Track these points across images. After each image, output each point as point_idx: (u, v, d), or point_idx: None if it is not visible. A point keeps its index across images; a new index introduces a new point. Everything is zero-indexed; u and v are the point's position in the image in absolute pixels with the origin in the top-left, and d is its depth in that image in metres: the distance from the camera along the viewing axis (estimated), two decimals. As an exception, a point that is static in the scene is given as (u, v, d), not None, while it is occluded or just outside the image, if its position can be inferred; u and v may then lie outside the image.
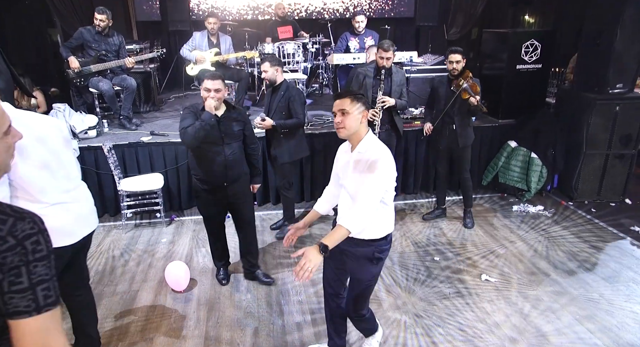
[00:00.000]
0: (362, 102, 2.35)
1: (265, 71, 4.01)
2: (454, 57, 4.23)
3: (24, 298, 1.10)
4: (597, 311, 3.37)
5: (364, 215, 2.23)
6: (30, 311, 1.10)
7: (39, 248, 1.12)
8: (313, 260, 2.09)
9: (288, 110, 4.08)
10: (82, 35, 5.16)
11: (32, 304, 1.11)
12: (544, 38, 5.45)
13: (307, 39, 6.85)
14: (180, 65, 7.28)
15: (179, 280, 3.63)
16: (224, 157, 3.29)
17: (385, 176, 2.27)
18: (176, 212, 5.01)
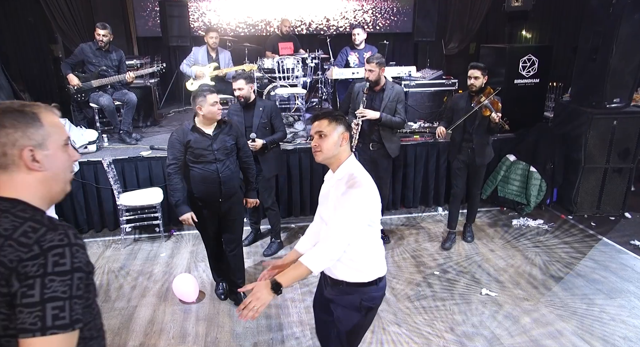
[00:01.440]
0: (342, 123, 2.11)
1: (240, 89, 3.90)
2: (473, 73, 4.08)
3: (31, 314, 1.00)
4: (598, 325, 3.35)
5: (330, 252, 1.95)
6: (34, 330, 1.00)
7: (61, 262, 1.05)
8: (261, 299, 1.84)
9: (271, 125, 4.13)
10: (82, 50, 5.20)
11: (38, 323, 1.00)
12: (541, 53, 5.52)
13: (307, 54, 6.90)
14: (180, 81, 7.33)
15: (189, 292, 3.63)
16: (217, 174, 3.28)
17: (361, 207, 1.98)
18: (175, 227, 4.99)
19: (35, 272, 1.02)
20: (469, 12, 8.06)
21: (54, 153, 1.19)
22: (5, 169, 1.14)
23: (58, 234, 1.08)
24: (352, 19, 9.00)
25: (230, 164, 3.36)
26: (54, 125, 1.20)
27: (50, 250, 1.04)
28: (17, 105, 1.18)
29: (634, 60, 4.80)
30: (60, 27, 6.66)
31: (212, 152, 3.26)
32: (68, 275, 1.05)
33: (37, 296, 1.01)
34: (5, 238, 1.05)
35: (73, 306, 1.06)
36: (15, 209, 1.12)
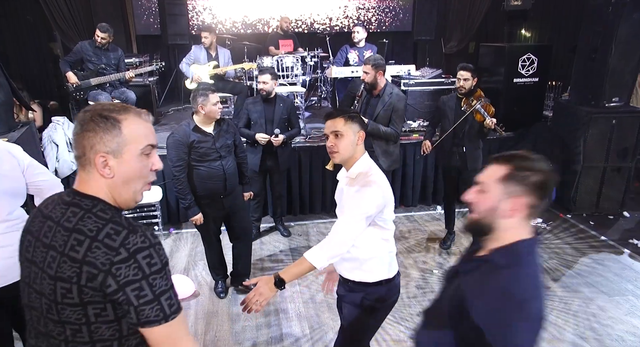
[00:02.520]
0: (358, 121, 2.08)
1: (265, 82, 4.07)
2: (462, 74, 3.93)
3: (153, 308, 1.16)
4: (597, 324, 3.36)
5: (334, 248, 1.94)
6: (159, 319, 1.17)
7: (153, 262, 1.17)
8: (264, 294, 1.87)
9: (289, 121, 4.29)
10: (81, 49, 5.19)
11: (161, 314, 1.17)
12: (540, 52, 5.52)
13: (306, 53, 6.90)
14: (179, 79, 7.33)
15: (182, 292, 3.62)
16: (222, 170, 3.33)
17: (370, 206, 1.95)
18: (174, 226, 4.99)
19: (135, 275, 1.14)
20: (468, 11, 8.05)
21: (128, 162, 1.23)
22: (84, 167, 1.23)
23: (139, 236, 1.17)
24: (352, 18, 8.99)
25: (232, 161, 3.43)
26: (134, 133, 1.23)
27: (137, 252, 1.15)
28: (106, 109, 1.22)
29: (633, 59, 4.80)
30: (59, 26, 6.65)
31: (216, 150, 3.29)
32: (163, 271, 1.19)
33: (150, 295, 1.16)
34: (92, 239, 1.14)
35: (174, 291, 1.22)
36: (96, 208, 1.20)
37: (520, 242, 1.33)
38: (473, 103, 3.91)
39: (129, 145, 1.22)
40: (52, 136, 4.63)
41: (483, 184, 1.37)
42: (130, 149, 1.22)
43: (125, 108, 1.25)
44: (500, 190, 1.32)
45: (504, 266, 1.30)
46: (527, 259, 1.31)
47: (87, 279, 1.13)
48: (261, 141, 4.12)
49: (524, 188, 1.30)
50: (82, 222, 1.16)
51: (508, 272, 1.28)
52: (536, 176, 1.30)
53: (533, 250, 1.34)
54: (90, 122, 1.19)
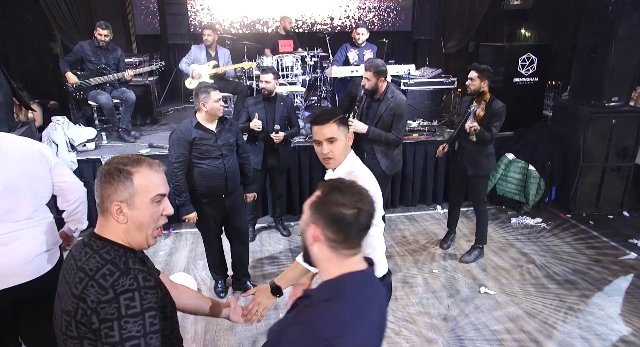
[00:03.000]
0: (345, 122, 2.05)
1: (268, 82, 4.10)
2: (470, 74, 3.89)
3: None
4: (596, 324, 3.36)
5: None
6: None
7: (132, 305, 1.22)
8: (262, 304, 1.88)
9: (289, 119, 4.34)
10: (81, 49, 5.19)
11: None
12: (540, 52, 5.52)
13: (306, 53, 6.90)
14: (179, 79, 7.33)
15: None
16: (224, 169, 3.33)
17: None
18: (174, 225, 4.99)
19: (112, 315, 1.20)
20: (468, 10, 8.05)
21: (140, 209, 1.37)
22: (102, 214, 1.38)
23: (129, 278, 1.25)
24: (352, 18, 8.99)
25: (234, 160, 3.43)
26: (144, 183, 1.37)
27: (122, 294, 1.22)
28: (120, 163, 1.37)
29: (633, 59, 4.81)
30: (59, 25, 6.64)
31: (218, 148, 3.29)
32: (139, 316, 1.23)
33: (117, 337, 1.20)
34: (89, 278, 1.25)
35: (149, 341, 1.24)
36: (103, 250, 1.33)
37: (344, 275, 1.27)
38: (474, 106, 3.90)
39: (139, 195, 1.36)
40: (51, 136, 4.63)
41: (304, 206, 1.35)
42: (141, 198, 1.37)
43: (139, 161, 1.40)
44: (309, 215, 1.30)
45: (321, 301, 1.25)
46: (351, 293, 1.25)
47: (81, 315, 1.23)
48: (255, 128, 4.07)
49: (321, 219, 1.26)
50: (87, 262, 1.29)
51: (321, 308, 1.23)
52: (335, 208, 1.24)
53: (360, 283, 1.28)
54: (107, 175, 1.35)
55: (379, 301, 1.34)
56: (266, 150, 4.31)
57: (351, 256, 1.29)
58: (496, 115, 3.84)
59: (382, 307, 1.39)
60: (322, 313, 1.22)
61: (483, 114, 3.87)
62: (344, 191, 1.27)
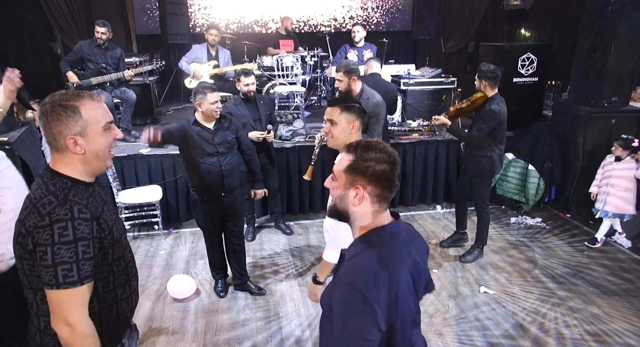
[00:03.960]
0: (354, 112, 2.24)
1: (253, 83, 4.17)
2: None
3: (47, 273, 1.34)
4: (597, 323, 3.36)
5: (336, 241, 2.08)
6: (51, 285, 1.35)
7: (64, 233, 1.34)
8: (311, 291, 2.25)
9: (271, 117, 4.53)
10: (81, 48, 5.20)
11: (53, 280, 1.34)
12: (540, 52, 5.52)
13: (306, 52, 6.91)
14: (179, 78, 7.33)
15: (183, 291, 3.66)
16: (220, 167, 3.32)
17: None
18: (174, 225, 5.00)
19: (46, 240, 1.33)
20: (468, 10, 8.06)
21: (93, 138, 1.46)
22: (57, 150, 1.46)
23: (64, 209, 1.35)
24: (351, 17, 8.99)
25: (232, 158, 3.42)
26: (92, 115, 1.45)
27: (56, 222, 1.33)
28: (62, 99, 1.43)
29: (632, 59, 4.80)
30: (60, 25, 6.65)
31: (214, 146, 3.29)
32: (71, 244, 1.34)
33: (49, 260, 1.33)
34: (32, 206, 1.37)
35: (81, 267, 1.37)
36: (50, 182, 1.43)
37: (372, 231, 1.39)
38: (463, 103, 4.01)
39: (90, 126, 1.45)
40: (52, 135, 4.63)
41: (334, 173, 1.45)
42: (92, 129, 1.46)
43: (80, 94, 1.48)
44: (346, 179, 1.39)
45: (350, 257, 1.37)
46: (377, 247, 1.35)
47: (21, 237, 1.37)
48: (258, 139, 4.14)
49: (365, 178, 1.36)
50: (34, 192, 1.41)
51: (351, 264, 1.35)
52: (377, 166, 1.35)
53: (388, 237, 1.38)
54: (53, 113, 1.42)
55: (413, 250, 1.43)
56: (259, 151, 4.28)
57: (384, 211, 1.41)
58: (483, 117, 3.83)
59: (415, 254, 1.44)
60: (353, 268, 1.33)
61: (457, 108, 3.97)
62: (377, 149, 1.38)
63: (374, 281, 1.27)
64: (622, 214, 4.35)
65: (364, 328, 1.25)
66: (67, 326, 1.38)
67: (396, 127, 5.52)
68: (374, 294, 1.25)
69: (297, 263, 4.25)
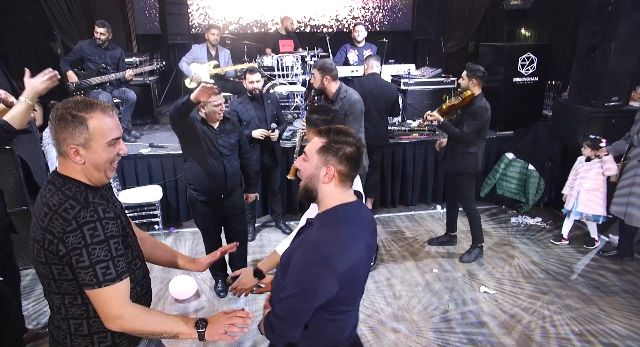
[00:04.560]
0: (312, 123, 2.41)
1: (258, 81, 4.15)
2: (463, 72, 4.00)
3: (87, 274, 1.38)
4: (596, 323, 3.36)
5: None
6: (92, 284, 1.38)
7: (96, 233, 1.37)
8: (247, 284, 2.17)
9: (278, 117, 4.44)
10: (81, 48, 5.20)
11: (94, 279, 1.38)
12: (540, 51, 5.52)
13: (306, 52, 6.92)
14: (180, 78, 7.32)
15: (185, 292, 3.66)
16: (224, 169, 3.32)
17: None
18: (174, 225, 5.00)
19: (79, 243, 1.35)
20: (468, 10, 8.06)
21: (95, 151, 1.46)
22: (60, 154, 1.47)
23: (89, 211, 1.38)
24: (352, 17, 8.99)
25: (234, 160, 3.42)
26: (99, 128, 1.45)
27: (84, 225, 1.36)
28: (73, 107, 1.43)
29: (632, 59, 4.80)
30: (60, 25, 6.65)
31: (219, 148, 3.29)
32: (104, 243, 1.39)
33: (87, 261, 1.37)
34: (53, 212, 1.38)
35: (117, 263, 1.41)
36: (64, 187, 1.44)
37: (338, 206, 1.55)
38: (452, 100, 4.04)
39: (95, 139, 1.45)
40: (52, 135, 4.63)
41: (306, 154, 1.60)
42: (97, 143, 1.45)
43: (92, 105, 1.46)
44: (318, 159, 1.55)
45: (319, 226, 1.54)
46: (342, 221, 1.53)
47: (48, 244, 1.38)
48: (262, 136, 4.17)
49: (336, 158, 1.52)
50: (51, 198, 1.41)
51: (320, 232, 1.51)
52: (347, 148, 1.52)
53: (352, 213, 1.56)
54: (61, 119, 1.42)
55: (368, 227, 1.63)
56: (263, 150, 4.34)
57: (348, 189, 1.59)
58: (473, 113, 3.88)
59: (371, 231, 1.66)
60: (321, 236, 1.50)
61: (450, 105, 3.99)
62: (346, 134, 1.55)
63: (339, 250, 1.45)
64: (596, 216, 4.35)
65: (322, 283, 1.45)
66: (119, 319, 1.42)
67: (396, 127, 5.52)
68: (336, 261, 1.43)
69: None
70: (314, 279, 1.45)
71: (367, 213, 1.67)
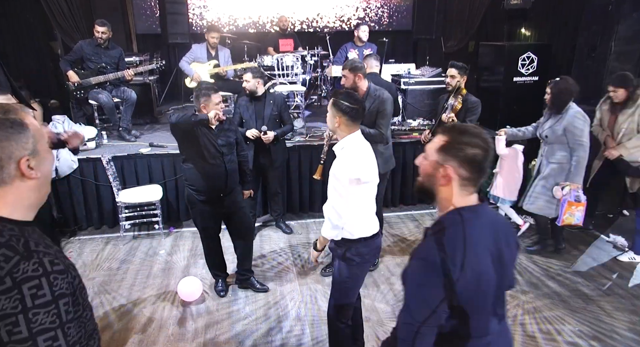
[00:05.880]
0: (339, 108, 2.42)
1: (247, 81, 4.14)
2: (449, 72, 4.11)
3: None
4: (598, 323, 3.36)
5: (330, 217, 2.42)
6: None
7: (39, 293, 1.02)
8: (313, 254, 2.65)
9: (281, 117, 4.35)
10: (81, 48, 5.20)
11: None
12: (540, 51, 5.52)
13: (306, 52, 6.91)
14: (180, 78, 7.33)
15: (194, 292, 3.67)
16: (224, 168, 3.33)
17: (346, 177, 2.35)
18: (174, 224, 5.00)
19: (14, 308, 1.00)
20: (468, 10, 8.05)
21: (44, 156, 1.18)
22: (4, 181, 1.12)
23: (32, 263, 1.03)
24: (353, 16, 8.99)
25: (233, 158, 3.44)
26: (35, 127, 1.17)
27: (23, 282, 1.01)
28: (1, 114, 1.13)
29: (632, 58, 4.81)
30: (60, 24, 6.64)
31: (217, 148, 3.29)
32: (52, 305, 1.03)
33: (25, 332, 1.00)
34: None
35: (66, 331, 1.06)
36: None
37: (453, 211, 1.43)
38: (451, 99, 4.05)
39: (40, 141, 1.17)
40: (52, 135, 4.63)
41: (426, 152, 1.50)
42: (41, 144, 1.18)
43: (13, 107, 1.18)
44: (437, 158, 1.43)
45: (433, 233, 1.43)
46: (460, 225, 1.38)
47: None
48: (252, 137, 4.17)
49: (456, 159, 1.39)
50: None
51: (433, 239, 1.39)
52: (470, 149, 1.38)
53: (470, 216, 1.41)
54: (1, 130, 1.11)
55: (494, 232, 1.44)
56: (257, 149, 4.34)
57: (470, 194, 1.44)
58: (471, 109, 4.03)
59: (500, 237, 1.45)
60: (434, 243, 1.36)
61: (460, 106, 4.03)
62: (473, 134, 1.40)
63: (452, 258, 1.31)
64: (502, 199, 4.52)
65: (433, 297, 1.30)
66: None
67: (396, 126, 5.52)
68: (448, 269, 1.29)
69: (298, 262, 4.26)
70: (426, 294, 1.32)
71: (492, 218, 1.49)
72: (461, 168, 1.39)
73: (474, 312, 1.35)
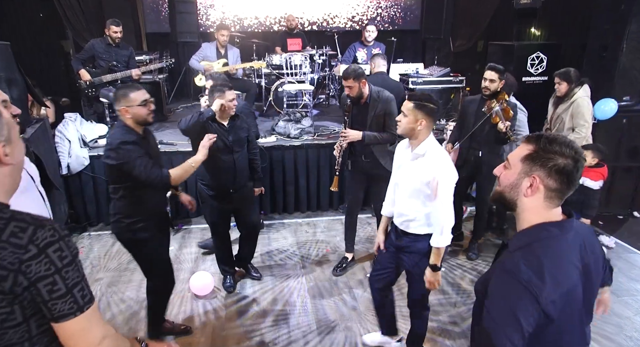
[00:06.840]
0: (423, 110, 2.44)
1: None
2: (488, 75, 3.76)
3: (66, 302, 1.17)
4: (606, 324, 3.35)
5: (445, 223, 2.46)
6: (74, 311, 1.19)
7: (64, 255, 1.16)
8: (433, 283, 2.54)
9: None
10: (93, 47, 5.27)
11: (75, 306, 1.19)
12: (549, 51, 5.50)
13: (314, 51, 6.93)
14: (189, 76, 7.38)
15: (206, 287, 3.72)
16: (234, 164, 3.36)
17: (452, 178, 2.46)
18: (183, 221, 5.04)
19: (47, 270, 1.13)
20: (477, 9, 8.03)
21: (16, 142, 1.23)
22: None
23: (47, 230, 1.15)
24: (360, 16, 8.99)
25: (243, 156, 3.46)
26: (7, 116, 1.22)
27: (47, 247, 1.13)
28: None
29: (644, 58, 4.76)
30: (71, 23, 6.72)
31: (228, 144, 3.32)
32: (74, 263, 1.19)
33: (63, 288, 1.16)
34: None
35: (86, 282, 1.24)
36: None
37: (538, 225, 1.34)
38: (493, 105, 3.72)
39: (12, 129, 1.23)
40: (64, 132, 4.69)
41: (509, 160, 1.41)
42: (14, 132, 1.24)
43: None
44: (522, 168, 1.35)
45: (517, 248, 1.34)
46: (546, 241, 1.31)
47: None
48: None
49: (544, 169, 1.31)
50: None
51: (517, 255, 1.31)
52: (558, 160, 1.30)
53: (556, 233, 1.33)
54: None
55: (580, 245, 1.37)
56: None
57: (555, 207, 1.35)
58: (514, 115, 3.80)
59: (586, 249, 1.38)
60: (519, 259, 1.29)
61: (511, 112, 3.73)
62: (563, 143, 1.31)
63: (539, 275, 1.24)
64: None
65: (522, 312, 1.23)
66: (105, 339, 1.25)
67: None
68: (537, 288, 1.23)
69: (305, 259, 4.28)
70: (512, 309, 1.24)
71: (579, 234, 1.39)
72: (549, 178, 1.31)
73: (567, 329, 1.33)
